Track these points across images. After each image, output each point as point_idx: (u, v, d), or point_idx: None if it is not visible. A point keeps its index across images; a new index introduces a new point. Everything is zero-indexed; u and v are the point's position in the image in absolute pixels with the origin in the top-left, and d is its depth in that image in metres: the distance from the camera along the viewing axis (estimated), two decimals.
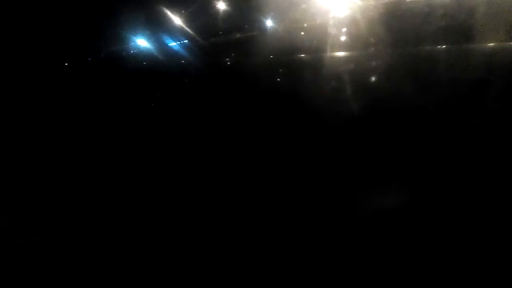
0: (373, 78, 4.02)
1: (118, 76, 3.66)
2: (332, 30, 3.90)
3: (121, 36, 3.53)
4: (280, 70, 3.75)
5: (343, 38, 4.00)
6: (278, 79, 4.00)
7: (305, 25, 3.83)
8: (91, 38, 3.47)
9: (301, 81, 3.95)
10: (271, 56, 3.93)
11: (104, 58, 3.64)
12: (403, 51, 4.05)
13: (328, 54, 3.95)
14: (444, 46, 4.35)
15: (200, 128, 3.69)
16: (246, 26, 3.72)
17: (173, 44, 3.67)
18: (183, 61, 3.72)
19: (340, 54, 4.07)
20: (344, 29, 3.95)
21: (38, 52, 3.39)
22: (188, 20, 3.50)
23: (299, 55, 4.14)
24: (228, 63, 3.73)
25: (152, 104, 3.61)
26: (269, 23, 3.78)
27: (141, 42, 3.61)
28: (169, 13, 3.40)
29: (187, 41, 3.64)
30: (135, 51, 3.64)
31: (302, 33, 3.91)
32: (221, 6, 3.51)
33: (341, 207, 2.14)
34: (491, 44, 4.03)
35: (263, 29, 3.74)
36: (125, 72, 3.72)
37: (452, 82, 3.72)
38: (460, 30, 4.17)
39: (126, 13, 3.30)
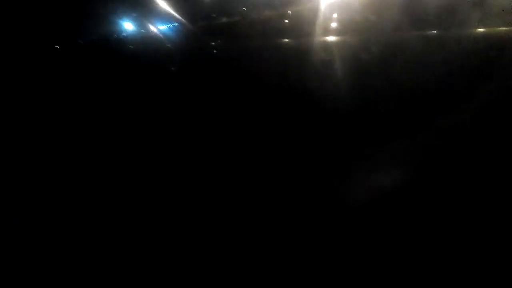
0: (363, 64, 3.95)
1: (108, 59, 3.69)
2: (320, 16, 3.88)
3: (111, 19, 3.59)
4: (268, 54, 3.70)
5: (332, 23, 3.98)
6: (266, 64, 3.96)
7: (290, 12, 3.85)
8: (82, 21, 3.53)
9: (289, 66, 3.91)
10: (261, 41, 3.93)
11: (95, 41, 3.69)
12: (391, 36, 3.98)
13: (316, 39, 3.92)
14: (436, 32, 4.26)
15: (188, 111, 3.66)
16: (236, 11, 3.74)
17: (162, 27, 3.71)
18: (170, 44, 3.73)
19: (328, 39, 4.04)
20: (334, 15, 3.94)
21: (30, 34, 3.47)
22: (177, 4, 3.53)
23: (286, 40, 4.12)
24: (216, 47, 3.73)
25: (142, 87, 3.60)
26: (257, 7, 3.80)
27: (130, 26, 3.66)
28: None
29: (176, 24, 3.66)
30: (125, 34, 3.69)
31: (288, 19, 3.92)
32: None
33: (332, 199, 2.03)
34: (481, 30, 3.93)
35: (251, 14, 3.75)
36: (115, 55, 3.74)
37: (446, 67, 3.62)
38: (453, 15, 4.10)
39: None
